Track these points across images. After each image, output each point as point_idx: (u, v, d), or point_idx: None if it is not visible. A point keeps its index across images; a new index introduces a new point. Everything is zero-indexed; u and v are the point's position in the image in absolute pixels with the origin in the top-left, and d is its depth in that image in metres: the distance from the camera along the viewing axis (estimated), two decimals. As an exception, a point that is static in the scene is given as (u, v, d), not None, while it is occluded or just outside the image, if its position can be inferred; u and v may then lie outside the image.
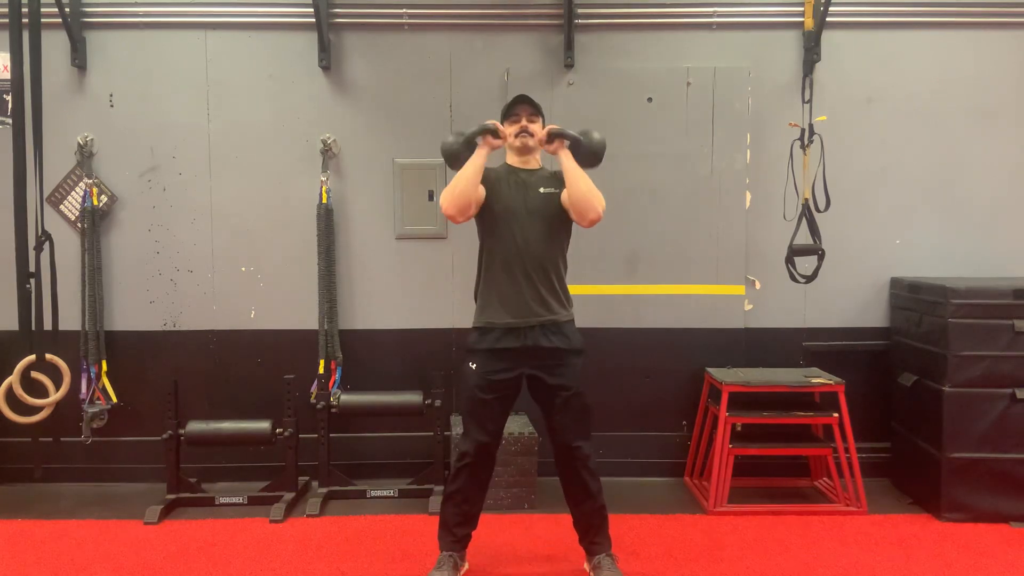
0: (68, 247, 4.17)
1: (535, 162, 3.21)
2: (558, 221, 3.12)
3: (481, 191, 3.06)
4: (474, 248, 3.20)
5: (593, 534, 3.18)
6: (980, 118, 4.31)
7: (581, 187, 3.02)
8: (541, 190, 3.12)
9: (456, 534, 3.17)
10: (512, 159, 3.20)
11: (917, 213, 4.35)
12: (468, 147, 3.09)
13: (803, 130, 3.87)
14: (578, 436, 3.10)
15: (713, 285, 4.33)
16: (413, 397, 4.10)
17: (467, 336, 3.19)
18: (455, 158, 3.11)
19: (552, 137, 3.10)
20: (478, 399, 3.09)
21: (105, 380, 4.27)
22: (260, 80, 4.28)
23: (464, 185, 2.99)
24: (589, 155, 3.13)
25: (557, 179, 3.14)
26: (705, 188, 4.29)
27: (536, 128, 3.15)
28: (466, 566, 3.25)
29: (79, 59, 4.20)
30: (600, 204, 3.06)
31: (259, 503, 3.95)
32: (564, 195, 3.09)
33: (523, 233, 3.07)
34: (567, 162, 3.06)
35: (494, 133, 3.07)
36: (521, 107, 3.14)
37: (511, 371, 3.08)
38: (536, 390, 3.15)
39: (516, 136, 3.13)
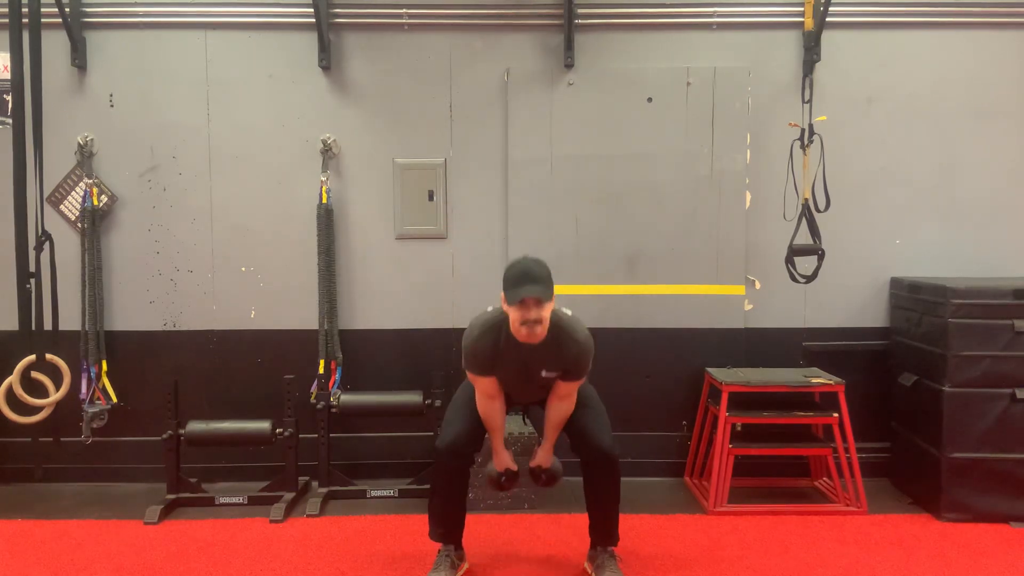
0: (68, 247, 4.17)
1: (538, 340, 2.96)
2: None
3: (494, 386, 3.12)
4: (474, 248, 3.20)
5: (608, 523, 3.20)
6: (979, 118, 4.31)
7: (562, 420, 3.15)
8: (543, 374, 3.07)
9: (445, 525, 3.18)
10: (515, 335, 2.96)
11: (917, 213, 4.35)
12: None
13: (803, 130, 3.87)
14: (608, 436, 3.15)
15: (713, 285, 4.33)
16: (413, 397, 4.09)
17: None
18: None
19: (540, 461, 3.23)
20: (470, 397, 3.15)
21: (105, 380, 4.27)
22: (260, 80, 4.28)
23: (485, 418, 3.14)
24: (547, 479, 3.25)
25: (559, 359, 3.03)
26: (705, 188, 4.29)
27: (545, 312, 2.86)
28: (466, 565, 3.25)
29: (79, 59, 4.20)
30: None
31: (259, 503, 3.95)
32: (552, 405, 3.15)
33: (521, 399, 3.26)
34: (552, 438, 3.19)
35: (497, 479, 3.22)
36: (529, 297, 2.82)
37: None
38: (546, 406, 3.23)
39: (522, 325, 2.86)
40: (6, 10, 3.71)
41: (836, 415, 3.90)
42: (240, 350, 4.35)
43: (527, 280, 2.82)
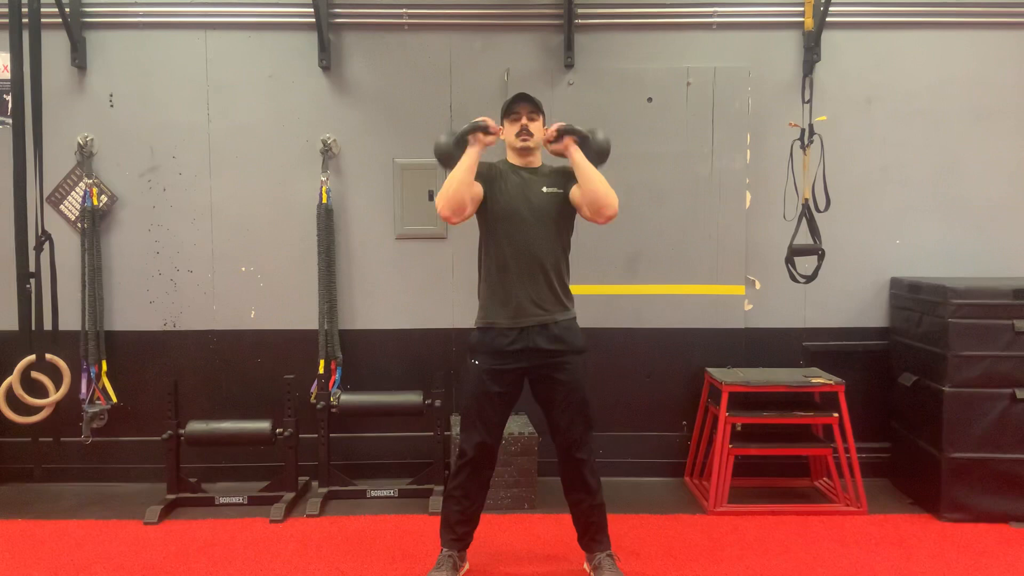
0: (68, 247, 4.17)
1: (536, 160, 3.19)
2: (561, 220, 3.11)
3: (478, 189, 3.03)
4: (474, 248, 3.20)
5: (593, 532, 3.18)
6: (979, 118, 4.31)
7: (598, 186, 3.01)
8: (544, 189, 3.10)
9: (457, 532, 3.17)
10: (512, 157, 3.18)
11: (917, 213, 4.35)
12: (460, 146, 3.04)
13: (803, 130, 3.87)
14: (580, 435, 3.10)
15: (713, 285, 4.33)
16: (413, 397, 4.09)
17: (468, 335, 3.19)
18: (448, 158, 3.07)
19: (561, 135, 3.08)
20: (480, 395, 3.08)
21: (105, 380, 4.27)
22: (260, 80, 4.28)
23: (456, 186, 2.96)
24: (595, 154, 3.09)
25: (560, 177, 3.13)
26: (705, 188, 4.29)
27: (536, 127, 3.11)
28: (466, 566, 3.25)
29: (79, 59, 4.20)
30: (615, 200, 3.03)
31: (259, 503, 3.95)
32: (573, 192, 3.08)
33: (524, 233, 3.06)
34: (580, 160, 3.04)
35: (485, 130, 3.04)
36: (521, 105, 3.10)
37: (513, 367, 3.07)
38: (537, 389, 3.15)
39: (516, 136, 3.10)
40: (6, 10, 3.71)
41: (836, 415, 3.90)
42: (240, 350, 4.35)
43: (518, 97, 3.10)
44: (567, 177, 3.11)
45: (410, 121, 4.29)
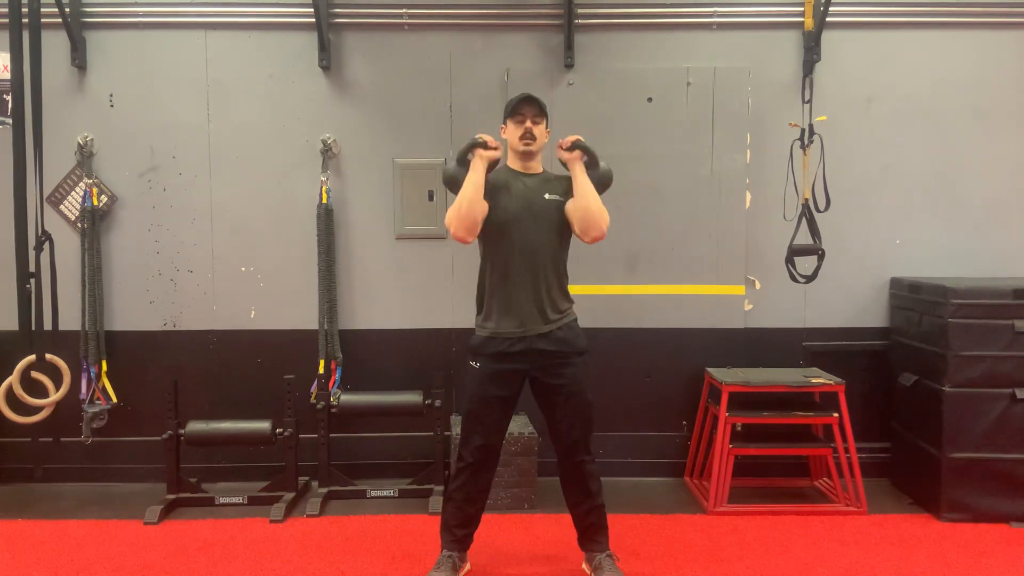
0: (68, 247, 4.17)
1: (537, 165, 3.17)
2: (562, 227, 3.11)
3: (485, 205, 3.01)
4: (474, 248, 3.19)
5: (592, 533, 3.18)
6: (980, 118, 4.31)
7: (591, 204, 3.02)
8: (546, 196, 3.09)
9: (456, 534, 3.17)
10: (513, 162, 3.16)
11: (917, 213, 4.35)
12: (463, 164, 3.06)
13: (803, 130, 3.87)
14: (581, 438, 3.10)
15: (713, 285, 4.33)
16: (413, 397, 4.09)
17: (469, 338, 3.18)
18: (454, 182, 3.08)
19: (574, 147, 3.08)
20: (481, 398, 3.08)
21: (105, 380, 4.27)
22: (260, 80, 4.28)
23: (468, 205, 2.95)
24: (596, 180, 3.11)
25: (561, 185, 3.12)
26: (705, 188, 4.29)
27: (540, 130, 3.09)
28: (467, 566, 3.25)
29: (79, 59, 4.20)
30: (605, 223, 3.06)
31: (259, 503, 3.95)
32: (568, 206, 3.08)
33: (525, 240, 3.05)
34: (580, 176, 3.05)
35: (484, 146, 3.04)
36: (526, 107, 3.07)
37: (514, 368, 3.07)
38: (538, 391, 3.14)
39: (520, 139, 3.07)
40: (6, 10, 3.71)
41: (836, 415, 3.90)
42: (240, 350, 4.35)
43: (523, 99, 3.07)
44: (568, 186, 3.10)
45: (410, 121, 4.29)
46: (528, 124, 3.07)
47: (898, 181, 4.34)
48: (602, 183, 3.14)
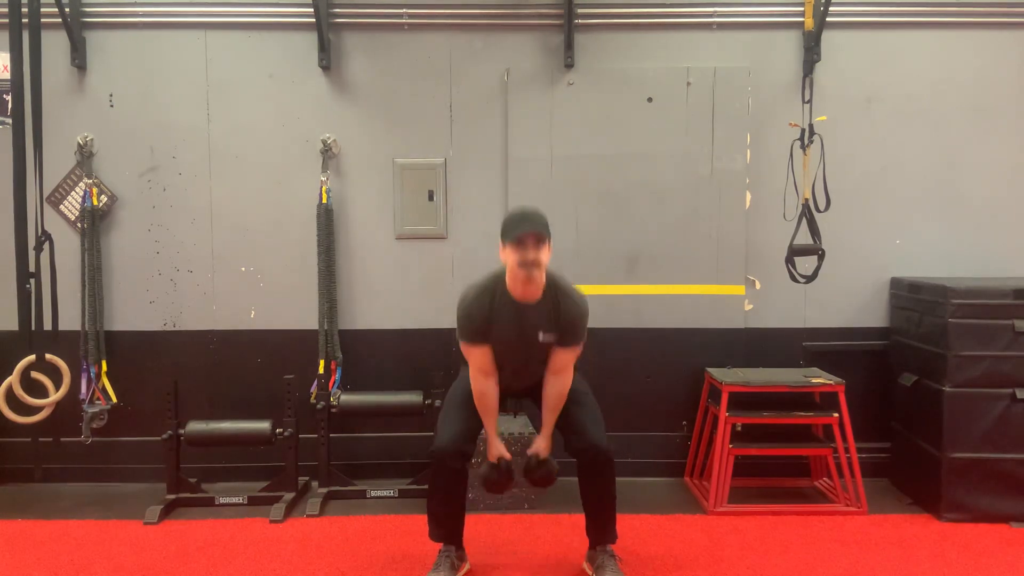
0: (68, 247, 4.17)
1: (537, 291, 3.00)
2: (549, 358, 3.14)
3: (487, 349, 3.07)
4: (474, 248, 3.20)
5: (605, 521, 3.19)
6: (980, 118, 4.31)
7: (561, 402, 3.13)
8: (541, 337, 3.05)
9: (446, 526, 3.18)
10: (514, 287, 3.00)
11: (917, 213, 4.35)
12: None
13: (803, 130, 3.87)
14: (601, 432, 3.14)
15: (713, 285, 4.33)
16: (413, 397, 4.09)
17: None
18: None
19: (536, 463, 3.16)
20: (467, 392, 3.13)
21: (105, 380, 4.27)
22: (260, 80, 4.28)
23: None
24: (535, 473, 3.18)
25: (557, 323, 3.04)
26: (705, 188, 4.29)
27: (543, 254, 2.91)
28: (467, 566, 3.25)
29: (79, 59, 4.20)
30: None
31: (259, 503, 3.95)
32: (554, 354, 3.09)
33: (515, 366, 3.12)
34: (553, 414, 3.14)
35: (490, 476, 3.14)
36: (528, 234, 2.86)
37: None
38: (537, 391, 3.18)
39: (520, 267, 2.90)
40: (6, 10, 3.71)
41: (836, 415, 3.90)
42: (240, 350, 4.35)
43: (525, 220, 2.89)
44: (562, 327, 3.04)
45: (410, 121, 4.29)
46: (531, 256, 2.87)
47: (898, 181, 4.33)
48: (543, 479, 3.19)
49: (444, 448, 3.07)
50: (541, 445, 3.16)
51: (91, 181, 4.21)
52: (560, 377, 3.10)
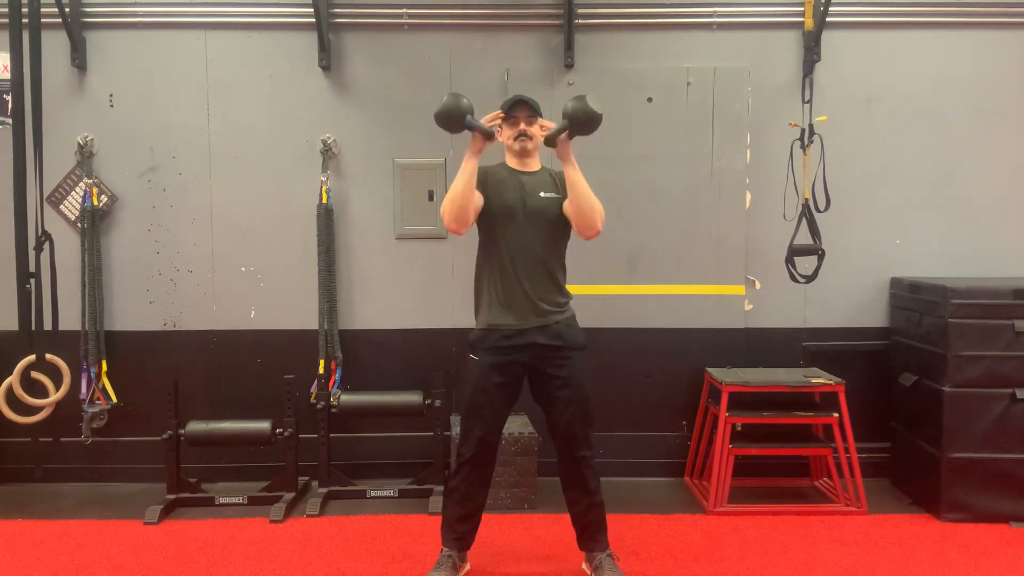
0: (68, 247, 4.17)
1: (535, 163, 3.19)
2: (559, 224, 3.12)
3: (479, 198, 3.04)
4: (474, 248, 3.19)
5: (592, 531, 3.18)
6: (980, 118, 4.31)
7: (583, 204, 3.01)
8: (542, 194, 3.10)
9: (458, 530, 3.17)
10: (511, 161, 3.18)
11: (917, 213, 4.35)
12: (460, 125, 2.96)
13: (803, 130, 3.87)
14: (580, 432, 3.10)
15: (713, 285, 4.33)
16: (413, 397, 4.10)
17: (468, 335, 3.18)
18: (448, 123, 2.98)
19: (549, 142, 3.04)
20: (481, 389, 3.08)
21: (105, 380, 4.27)
22: (260, 80, 4.28)
23: (460, 200, 2.96)
24: (581, 125, 3.01)
25: (559, 183, 3.13)
26: (705, 188, 4.29)
27: (535, 130, 3.13)
28: (467, 566, 3.25)
29: (79, 59, 4.20)
30: (600, 220, 3.07)
31: (259, 503, 3.95)
32: (565, 205, 3.09)
33: (522, 236, 3.07)
34: (572, 175, 3.02)
35: (492, 138, 3.01)
36: (519, 109, 3.10)
37: (513, 359, 3.08)
38: (537, 387, 3.15)
39: (515, 139, 3.11)
40: (6, 10, 3.71)
41: (836, 415, 3.90)
42: (240, 350, 4.35)
43: (517, 100, 3.11)
44: (562, 185, 3.09)
45: (410, 121, 4.29)
46: (522, 126, 3.11)
47: (898, 181, 4.34)
48: (587, 124, 3.03)
49: (479, 442, 3.06)
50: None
51: (91, 181, 4.21)
52: (575, 197, 3.01)
